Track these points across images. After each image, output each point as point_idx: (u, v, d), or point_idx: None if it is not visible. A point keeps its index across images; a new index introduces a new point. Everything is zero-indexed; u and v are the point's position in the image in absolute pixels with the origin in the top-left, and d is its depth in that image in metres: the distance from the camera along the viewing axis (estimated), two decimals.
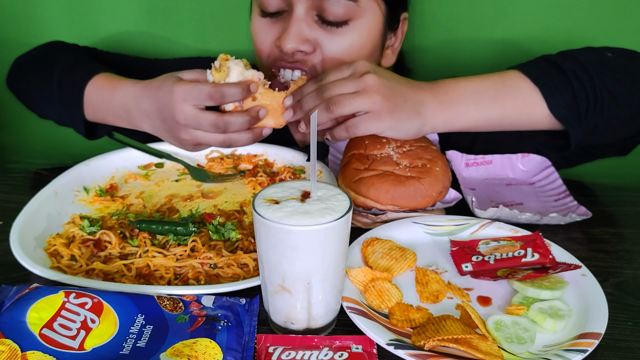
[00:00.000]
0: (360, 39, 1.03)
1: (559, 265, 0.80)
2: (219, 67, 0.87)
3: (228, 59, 0.88)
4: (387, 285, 0.77)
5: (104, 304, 0.70)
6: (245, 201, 0.99)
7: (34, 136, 1.53)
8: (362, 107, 0.86)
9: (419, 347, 0.67)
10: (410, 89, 0.90)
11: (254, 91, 0.86)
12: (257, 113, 0.86)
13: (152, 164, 1.11)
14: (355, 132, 0.88)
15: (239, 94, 0.84)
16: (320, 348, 0.68)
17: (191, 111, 0.86)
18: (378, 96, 0.86)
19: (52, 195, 0.95)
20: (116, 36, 1.42)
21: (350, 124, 0.87)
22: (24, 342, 0.64)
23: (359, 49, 1.04)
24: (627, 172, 1.32)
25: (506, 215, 0.93)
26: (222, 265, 0.81)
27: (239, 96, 0.85)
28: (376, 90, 0.86)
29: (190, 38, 1.43)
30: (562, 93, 0.90)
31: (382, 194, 0.93)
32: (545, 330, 0.71)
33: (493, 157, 1.11)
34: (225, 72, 0.86)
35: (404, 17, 1.13)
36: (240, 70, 0.86)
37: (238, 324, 0.70)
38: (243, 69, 0.87)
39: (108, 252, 0.84)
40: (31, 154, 1.52)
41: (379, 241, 0.85)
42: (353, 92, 0.86)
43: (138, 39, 1.42)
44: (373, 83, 0.86)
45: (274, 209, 0.66)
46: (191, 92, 0.85)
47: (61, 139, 1.50)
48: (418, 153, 0.98)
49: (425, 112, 0.90)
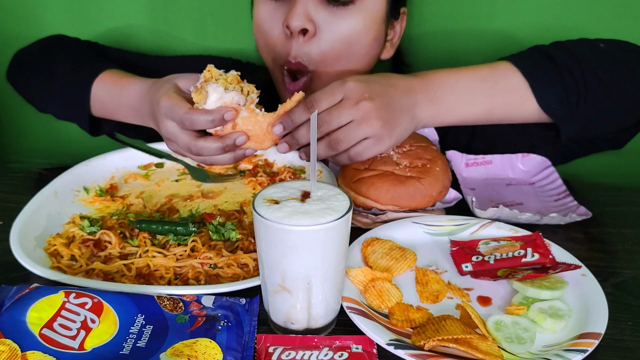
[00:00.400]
0: (364, 22, 1.02)
1: (559, 265, 0.80)
2: (200, 87, 0.80)
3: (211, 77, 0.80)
4: (387, 285, 0.77)
5: (104, 304, 0.70)
6: (245, 201, 0.99)
7: (34, 136, 1.53)
8: (364, 136, 0.84)
9: (419, 347, 0.67)
10: (404, 94, 0.88)
11: (228, 119, 0.79)
12: (233, 141, 0.81)
13: (152, 164, 1.11)
14: (359, 159, 0.87)
15: (209, 123, 0.79)
16: (320, 348, 0.68)
17: (172, 128, 0.84)
18: (378, 122, 0.83)
19: (52, 195, 0.95)
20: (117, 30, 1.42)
21: (353, 154, 0.86)
22: (24, 342, 0.64)
23: (363, 34, 1.03)
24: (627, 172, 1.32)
25: (506, 215, 0.93)
26: (222, 265, 0.81)
27: (209, 125, 0.80)
28: (375, 117, 0.83)
29: (190, 33, 1.42)
30: (553, 86, 0.90)
31: (382, 193, 0.93)
32: (545, 330, 0.71)
33: (493, 157, 1.11)
34: (204, 95, 0.79)
35: (403, 11, 1.13)
36: (219, 96, 0.79)
37: (238, 324, 0.70)
38: (223, 93, 0.79)
39: (108, 252, 0.84)
40: (31, 154, 1.51)
41: (379, 241, 0.85)
42: (350, 121, 0.83)
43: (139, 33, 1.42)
44: (370, 109, 0.83)
45: (274, 209, 0.66)
46: (169, 111, 0.83)
47: (61, 138, 1.50)
48: (418, 153, 0.98)
49: (418, 113, 0.89)
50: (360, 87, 0.84)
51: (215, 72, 0.80)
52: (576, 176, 1.12)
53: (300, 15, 0.98)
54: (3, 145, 1.54)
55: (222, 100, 0.79)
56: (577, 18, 1.26)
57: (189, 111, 0.80)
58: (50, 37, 1.21)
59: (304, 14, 0.98)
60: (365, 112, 0.83)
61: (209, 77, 0.80)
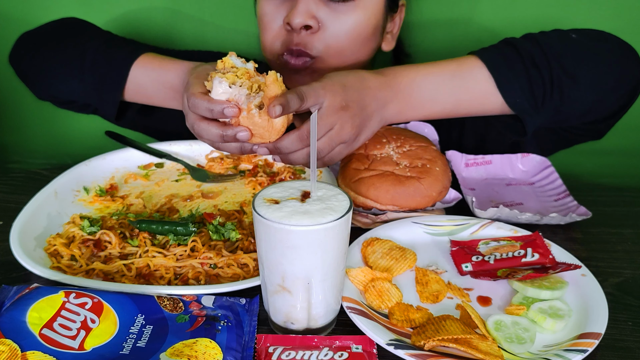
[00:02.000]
0: (365, 17, 1.04)
1: (559, 265, 0.80)
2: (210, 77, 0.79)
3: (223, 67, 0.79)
4: (387, 285, 0.77)
5: (104, 304, 0.70)
6: (245, 201, 0.99)
7: (34, 136, 1.52)
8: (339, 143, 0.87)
9: (419, 347, 0.67)
10: (375, 95, 0.90)
11: (229, 115, 0.77)
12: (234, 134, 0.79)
13: (152, 164, 1.11)
14: (332, 164, 0.92)
15: (207, 111, 0.79)
16: (320, 348, 0.68)
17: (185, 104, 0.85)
18: (352, 130, 0.86)
19: (52, 195, 0.95)
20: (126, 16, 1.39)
21: (327, 160, 0.88)
22: (24, 342, 0.64)
23: (363, 28, 1.04)
24: (627, 172, 1.32)
25: (506, 215, 0.93)
26: (222, 265, 0.81)
27: (207, 114, 0.79)
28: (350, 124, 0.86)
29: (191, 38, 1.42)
30: (518, 79, 0.91)
31: (382, 194, 0.93)
32: (545, 330, 0.71)
33: (493, 157, 1.11)
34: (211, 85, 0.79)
35: (402, 3, 1.14)
36: (223, 90, 0.78)
37: (238, 324, 0.70)
38: (227, 88, 0.77)
39: (108, 252, 0.84)
40: (31, 154, 1.52)
41: (379, 241, 0.85)
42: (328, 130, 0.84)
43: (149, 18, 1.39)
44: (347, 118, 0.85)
45: (274, 209, 0.66)
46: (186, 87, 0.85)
47: (61, 139, 1.50)
48: (418, 153, 0.98)
49: (385, 112, 0.92)
50: (340, 96, 0.85)
51: (229, 62, 0.79)
52: (576, 176, 1.12)
53: (302, 12, 0.99)
54: (3, 145, 1.53)
55: (226, 95, 0.78)
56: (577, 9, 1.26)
57: (195, 94, 0.80)
58: (67, 19, 1.16)
59: (306, 12, 0.99)
60: (343, 121, 0.85)
61: (221, 67, 0.80)
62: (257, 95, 0.78)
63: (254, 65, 0.80)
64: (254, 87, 0.78)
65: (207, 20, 1.41)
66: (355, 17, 1.03)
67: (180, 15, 1.40)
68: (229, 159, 1.11)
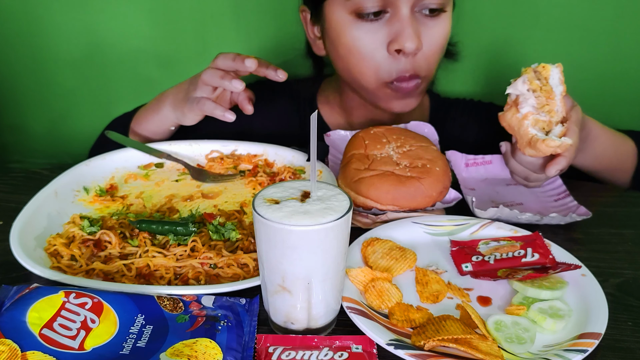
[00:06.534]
0: (449, 25, 1.08)
1: (559, 265, 0.80)
2: (525, 69, 0.93)
3: (540, 73, 0.93)
4: (387, 285, 0.77)
5: (104, 304, 0.70)
6: (245, 201, 0.99)
7: (34, 136, 1.53)
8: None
9: (419, 347, 0.67)
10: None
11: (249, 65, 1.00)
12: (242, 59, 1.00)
13: (152, 164, 1.11)
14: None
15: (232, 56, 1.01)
16: (320, 348, 0.68)
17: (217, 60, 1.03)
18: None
19: (52, 195, 0.95)
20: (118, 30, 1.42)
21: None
22: (24, 342, 0.64)
23: (447, 38, 1.08)
24: None
25: (506, 216, 0.93)
26: (222, 265, 0.81)
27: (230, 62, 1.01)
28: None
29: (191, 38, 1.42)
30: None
31: (382, 194, 0.93)
32: (545, 330, 0.71)
33: (493, 157, 1.11)
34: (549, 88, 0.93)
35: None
36: (522, 86, 0.91)
37: (238, 324, 0.70)
38: (525, 88, 0.91)
39: (108, 252, 0.84)
40: (31, 154, 1.52)
41: (379, 241, 0.85)
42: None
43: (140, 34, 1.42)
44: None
45: (274, 209, 0.66)
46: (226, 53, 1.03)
47: (61, 139, 1.50)
48: (418, 153, 0.98)
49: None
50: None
51: (547, 73, 0.92)
52: (576, 176, 1.12)
53: (412, 36, 1.01)
54: (3, 145, 1.54)
55: (517, 91, 0.92)
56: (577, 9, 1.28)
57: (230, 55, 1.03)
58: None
59: (415, 35, 1.01)
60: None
61: (540, 70, 0.92)
62: (555, 124, 0.92)
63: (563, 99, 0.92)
64: (545, 108, 0.91)
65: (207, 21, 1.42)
66: (444, 27, 1.06)
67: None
68: (229, 159, 1.11)
